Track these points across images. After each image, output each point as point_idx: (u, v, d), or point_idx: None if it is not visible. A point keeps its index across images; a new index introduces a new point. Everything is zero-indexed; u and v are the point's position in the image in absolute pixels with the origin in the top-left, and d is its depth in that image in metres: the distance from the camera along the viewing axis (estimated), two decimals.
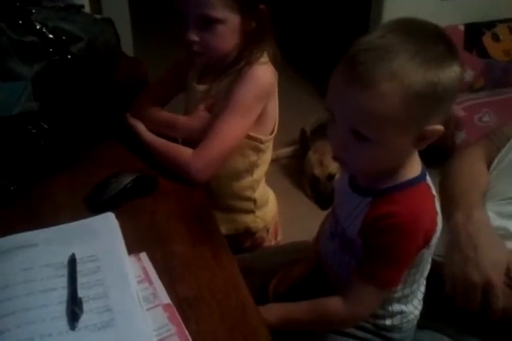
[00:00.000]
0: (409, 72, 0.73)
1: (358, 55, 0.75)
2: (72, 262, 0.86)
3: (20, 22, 1.23)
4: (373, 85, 0.73)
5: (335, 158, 0.86)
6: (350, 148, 0.80)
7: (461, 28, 2.52)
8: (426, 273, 0.92)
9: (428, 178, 0.87)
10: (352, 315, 0.90)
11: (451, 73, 0.75)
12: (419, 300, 0.95)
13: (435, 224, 0.84)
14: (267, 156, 1.30)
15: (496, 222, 1.04)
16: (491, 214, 1.05)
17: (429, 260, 0.91)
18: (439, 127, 0.78)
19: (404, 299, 0.93)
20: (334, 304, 0.90)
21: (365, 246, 0.86)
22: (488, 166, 1.15)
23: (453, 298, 0.96)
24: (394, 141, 0.78)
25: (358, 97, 0.74)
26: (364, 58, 0.74)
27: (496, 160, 1.14)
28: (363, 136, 0.77)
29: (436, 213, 0.85)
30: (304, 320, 0.94)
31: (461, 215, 1.00)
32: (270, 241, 1.44)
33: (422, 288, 0.95)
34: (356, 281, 0.88)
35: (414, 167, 0.86)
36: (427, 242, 0.84)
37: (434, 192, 0.87)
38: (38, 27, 1.23)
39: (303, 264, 1.10)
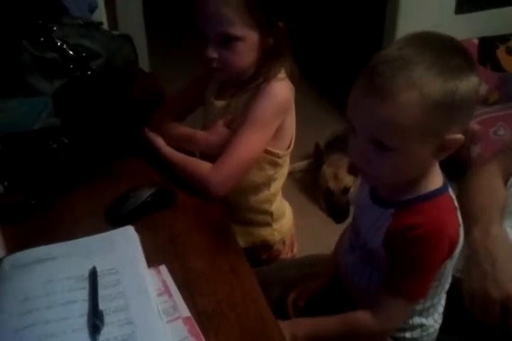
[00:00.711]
0: (427, 81, 0.74)
1: (377, 67, 0.77)
2: (94, 275, 0.87)
3: (42, 39, 1.26)
4: (392, 96, 0.74)
5: (351, 170, 0.87)
6: (373, 159, 0.81)
7: (475, 41, 2.52)
8: (447, 286, 0.92)
9: (450, 190, 0.88)
10: (381, 328, 0.91)
11: (468, 83, 0.76)
12: (439, 313, 0.95)
13: (458, 234, 0.85)
14: (284, 170, 1.31)
15: None
16: (509, 230, 1.04)
17: (451, 272, 0.91)
18: (460, 136, 0.79)
19: (425, 312, 0.93)
20: (364, 318, 0.90)
21: (390, 258, 0.87)
22: (505, 182, 1.15)
23: (472, 313, 0.96)
24: (415, 151, 0.78)
25: (377, 108, 0.76)
26: (382, 69, 0.76)
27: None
28: (384, 145, 0.78)
29: (459, 224, 0.86)
30: (334, 334, 0.94)
31: (479, 231, 1.00)
32: (287, 254, 1.45)
33: (443, 302, 0.95)
34: (384, 295, 0.88)
35: (436, 178, 0.86)
36: (451, 252, 0.84)
37: (456, 203, 0.88)
38: (58, 44, 1.26)
39: (321, 277, 1.10)
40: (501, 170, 1.17)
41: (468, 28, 2.55)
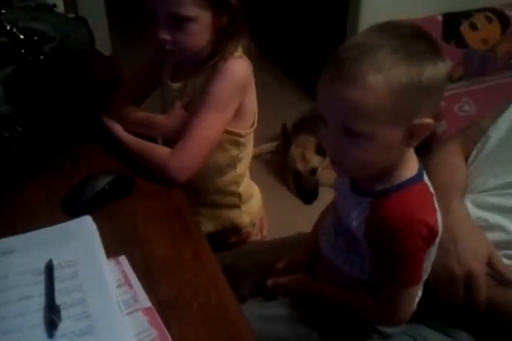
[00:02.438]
0: (391, 65, 0.74)
1: (341, 53, 0.77)
2: (49, 268, 0.84)
3: None
4: (358, 79, 0.74)
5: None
6: (343, 148, 0.80)
7: (439, 18, 2.52)
8: (425, 276, 0.92)
9: (425, 177, 0.87)
10: (396, 317, 0.91)
11: (435, 68, 0.76)
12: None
13: (436, 220, 0.84)
14: (249, 150, 1.29)
15: (476, 213, 1.04)
16: (470, 206, 1.05)
17: (432, 260, 0.90)
18: (429, 121, 0.79)
19: None
20: (373, 306, 0.91)
21: (375, 251, 0.87)
22: (466, 160, 1.16)
23: (437, 292, 0.96)
24: (385, 137, 0.78)
25: (345, 93, 0.75)
26: (347, 55, 0.76)
27: (474, 153, 1.15)
28: (353, 132, 0.77)
29: (436, 210, 0.85)
30: (341, 305, 0.96)
31: (439, 207, 1.00)
32: (256, 236, 1.44)
33: (419, 292, 0.94)
34: (383, 289, 0.89)
35: (411, 167, 0.86)
36: (432, 239, 0.84)
37: (431, 190, 0.87)
38: (8, 28, 1.21)
39: (301, 256, 1.09)
40: (462, 149, 1.17)
41: (432, 5, 2.56)
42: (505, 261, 0.98)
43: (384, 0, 2.48)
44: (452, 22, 2.54)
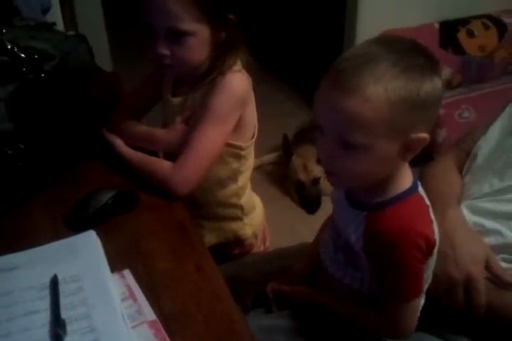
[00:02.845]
0: (391, 77, 0.75)
1: (341, 64, 0.77)
2: (54, 283, 0.85)
3: None
4: (358, 90, 0.74)
5: (326, 172, 0.86)
6: (339, 160, 0.80)
7: (436, 25, 2.54)
8: (426, 286, 0.91)
9: (420, 188, 0.87)
10: (401, 331, 0.90)
11: (432, 83, 0.77)
12: None
13: (432, 232, 0.84)
14: (250, 162, 1.30)
15: (472, 219, 1.05)
16: (466, 212, 1.06)
17: (431, 270, 0.90)
18: (425, 135, 0.79)
19: None
20: (376, 321, 0.91)
21: (373, 265, 0.87)
22: (460, 172, 1.17)
23: (438, 298, 0.96)
24: (381, 150, 0.78)
25: (342, 102, 0.75)
26: (346, 65, 0.76)
27: (467, 164, 1.16)
28: (350, 144, 0.77)
29: (432, 222, 0.85)
30: (343, 317, 0.96)
31: (435, 214, 1.00)
32: (259, 248, 1.44)
33: (422, 301, 0.93)
34: (385, 303, 0.88)
35: (405, 179, 0.86)
36: (429, 251, 0.84)
37: (427, 201, 0.87)
38: (9, 47, 1.22)
39: (302, 266, 1.10)
40: (456, 161, 1.19)
41: (429, 13, 2.57)
42: (503, 264, 0.99)
43: (381, 9, 2.50)
44: (449, 29, 2.55)
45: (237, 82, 1.13)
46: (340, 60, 0.78)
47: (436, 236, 0.85)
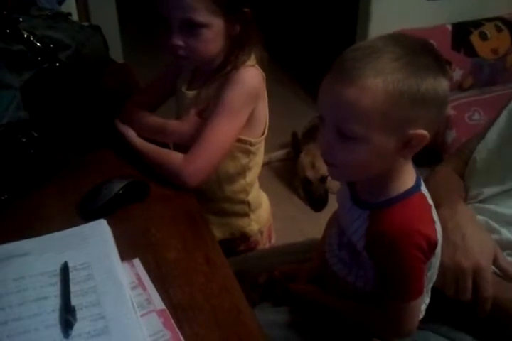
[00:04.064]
0: (393, 69, 0.75)
1: (346, 54, 0.78)
2: (65, 270, 0.86)
3: (8, 31, 1.22)
4: (357, 80, 0.75)
5: (325, 162, 0.86)
6: (336, 150, 0.80)
7: (449, 27, 2.54)
8: (431, 285, 0.92)
9: (423, 188, 0.87)
10: (402, 330, 0.90)
11: (435, 82, 0.77)
12: (421, 310, 0.94)
13: (435, 231, 0.84)
14: (259, 159, 1.30)
15: (477, 217, 1.05)
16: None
17: (436, 270, 0.90)
18: (423, 132, 0.78)
19: None
20: (378, 320, 0.91)
21: (376, 264, 0.87)
22: (461, 178, 1.18)
23: (444, 295, 0.96)
24: (378, 142, 0.78)
25: (342, 91, 0.76)
26: (351, 56, 0.77)
27: (467, 168, 1.16)
28: (347, 135, 0.78)
29: (434, 222, 0.85)
30: (348, 317, 0.96)
31: (446, 210, 1.01)
32: (264, 245, 1.44)
33: (427, 301, 0.94)
34: (386, 302, 0.88)
35: (408, 178, 0.86)
36: (431, 250, 0.83)
37: (430, 201, 0.87)
38: (25, 35, 1.23)
39: (311, 264, 1.10)
40: (455, 170, 1.19)
41: (442, 14, 2.57)
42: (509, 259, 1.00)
43: (393, 10, 2.49)
44: (462, 31, 2.55)
45: (251, 76, 1.14)
46: (347, 51, 0.79)
47: (439, 236, 0.85)
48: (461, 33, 2.54)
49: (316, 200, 2.33)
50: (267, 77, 1.18)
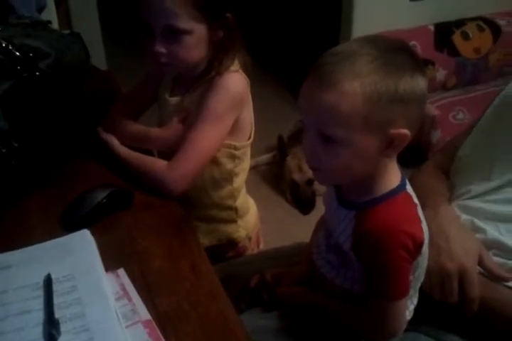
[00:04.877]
0: (368, 72, 0.75)
1: (324, 58, 0.79)
2: (48, 282, 0.84)
3: None
4: (335, 84, 0.75)
5: (310, 167, 0.86)
6: (320, 154, 0.80)
7: (431, 28, 2.55)
8: (419, 284, 0.92)
9: (408, 187, 0.87)
10: (386, 330, 0.90)
11: (413, 81, 0.77)
12: (409, 311, 0.94)
13: (421, 230, 0.84)
14: (245, 164, 1.29)
15: (462, 216, 1.05)
16: (456, 210, 1.06)
17: (424, 270, 0.90)
18: (405, 131, 0.78)
19: None
20: (364, 320, 0.91)
21: (362, 264, 0.87)
22: (445, 175, 1.18)
23: (431, 298, 0.96)
24: (360, 144, 0.78)
25: (321, 96, 0.76)
26: (327, 60, 0.78)
27: (453, 165, 1.16)
28: (329, 138, 0.78)
29: (420, 221, 0.85)
30: (340, 318, 0.95)
31: (429, 211, 1.00)
32: (253, 250, 1.44)
33: (415, 301, 0.94)
34: (371, 301, 0.88)
35: (393, 177, 0.86)
36: (417, 249, 0.83)
37: (415, 200, 0.87)
38: (3, 45, 1.22)
39: (300, 267, 1.09)
40: (440, 167, 1.19)
41: (424, 15, 2.58)
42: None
43: (376, 12, 2.51)
44: (444, 31, 2.57)
45: (234, 82, 1.13)
46: (324, 55, 0.79)
47: (425, 235, 0.85)
48: (444, 33, 2.56)
49: (303, 203, 2.33)
50: (251, 80, 1.17)
